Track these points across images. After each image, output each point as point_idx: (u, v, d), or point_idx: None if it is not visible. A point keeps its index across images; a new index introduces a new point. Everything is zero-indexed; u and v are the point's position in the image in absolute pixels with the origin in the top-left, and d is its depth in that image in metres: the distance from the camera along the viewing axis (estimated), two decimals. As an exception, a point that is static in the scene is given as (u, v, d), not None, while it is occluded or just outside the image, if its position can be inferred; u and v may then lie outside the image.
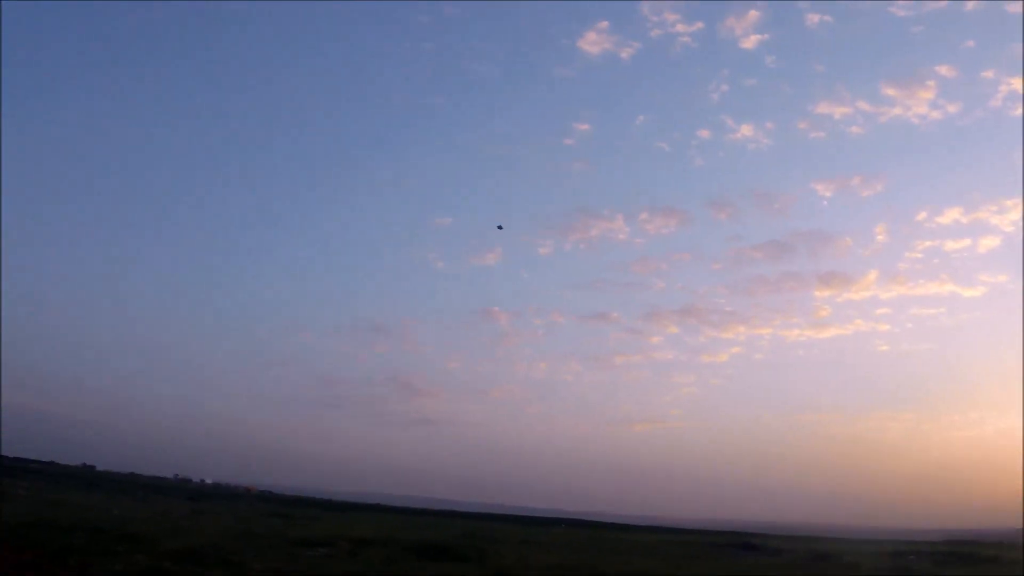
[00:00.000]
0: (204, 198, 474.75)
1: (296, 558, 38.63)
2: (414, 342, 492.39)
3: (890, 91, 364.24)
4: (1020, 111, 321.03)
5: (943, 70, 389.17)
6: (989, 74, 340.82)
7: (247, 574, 30.51)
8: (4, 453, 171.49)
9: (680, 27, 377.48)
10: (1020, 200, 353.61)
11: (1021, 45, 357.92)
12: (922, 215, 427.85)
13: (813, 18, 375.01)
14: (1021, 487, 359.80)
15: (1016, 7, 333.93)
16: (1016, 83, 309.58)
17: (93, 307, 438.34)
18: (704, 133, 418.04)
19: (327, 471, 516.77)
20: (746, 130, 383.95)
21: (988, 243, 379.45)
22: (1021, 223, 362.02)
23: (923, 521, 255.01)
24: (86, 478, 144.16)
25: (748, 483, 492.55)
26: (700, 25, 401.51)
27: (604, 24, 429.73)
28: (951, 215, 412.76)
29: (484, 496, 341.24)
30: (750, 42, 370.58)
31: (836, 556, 61.22)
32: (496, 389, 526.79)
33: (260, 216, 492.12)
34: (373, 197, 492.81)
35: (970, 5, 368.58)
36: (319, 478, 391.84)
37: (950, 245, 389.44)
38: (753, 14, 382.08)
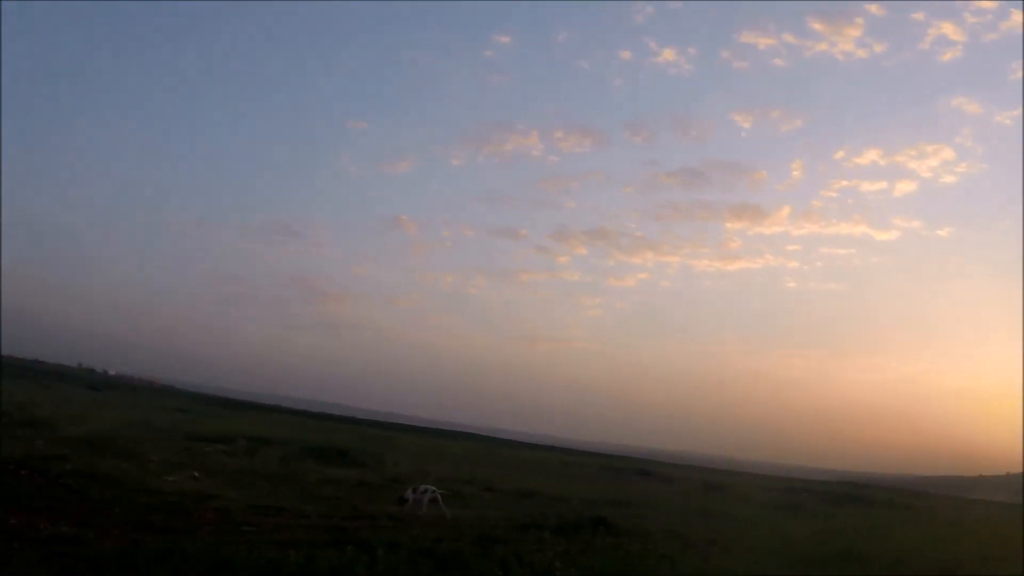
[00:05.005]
0: (116, 84, 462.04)
1: (194, 452, 39.23)
2: (322, 245, 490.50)
3: (817, 26, 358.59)
4: (947, 56, 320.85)
5: (872, 8, 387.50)
6: (919, 16, 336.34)
7: (145, 464, 30.99)
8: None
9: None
10: (941, 146, 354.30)
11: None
12: (840, 154, 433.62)
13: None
14: (918, 435, 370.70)
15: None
16: (946, 27, 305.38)
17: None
18: (626, 54, 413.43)
19: (228, 369, 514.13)
20: (668, 54, 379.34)
21: (905, 187, 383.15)
22: (939, 170, 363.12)
23: (819, 461, 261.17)
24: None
25: (646, 409, 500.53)
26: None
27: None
28: (869, 156, 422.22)
29: (383, 404, 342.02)
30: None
31: (729, 488, 63.11)
32: (402, 298, 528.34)
33: (174, 106, 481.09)
34: (289, 94, 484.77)
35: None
36: (220, 375, 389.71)
37: (866, 186, 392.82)
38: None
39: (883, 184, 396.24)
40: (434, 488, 29.35)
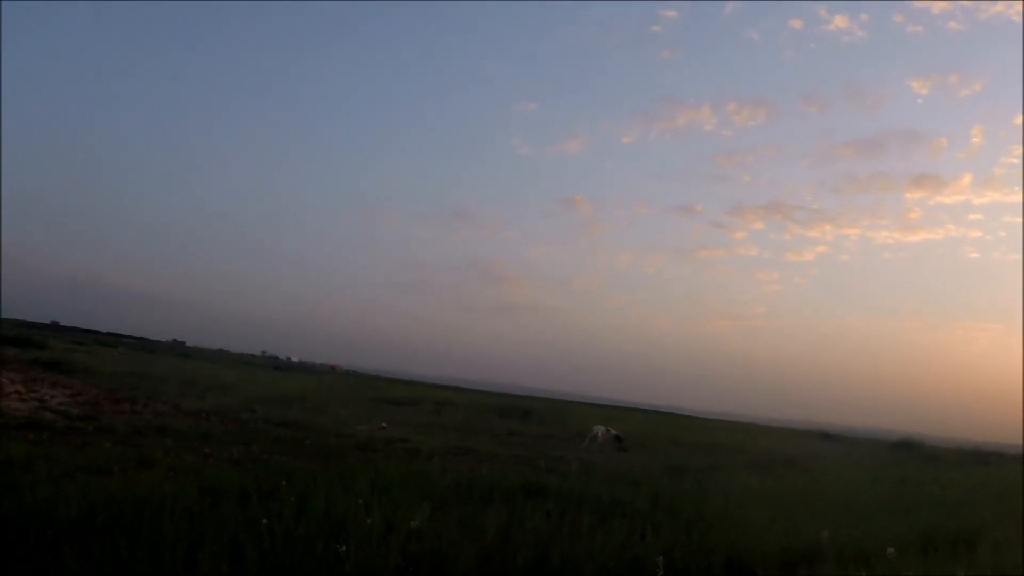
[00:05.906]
0: (289, 82, 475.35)
1: (381, 410, 39.30)
2: (496, 229, 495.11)
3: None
4: None
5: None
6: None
7: (333, 416, 31.07)
8: (99, 328, 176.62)
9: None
10: None
11: None
12: (1020, 119, 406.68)
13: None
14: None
15: None
16: None
17: (183, 193, 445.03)
18: (796, 23, 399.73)
19: (409, 354, 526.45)
20: (840, 21, 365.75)
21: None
22: None
23: (999, 435, 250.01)
24: (177, 351, 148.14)
25: (826, 385, 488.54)
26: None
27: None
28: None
29: (561, 384, 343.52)
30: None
31: (916, 447, 60.99)
32: (578, 279, 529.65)
33: (346, 98, 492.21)
34: (457, 82, 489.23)
35: None
36: (401, 360, 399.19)
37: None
38: None
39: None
40: (605, 428, 33.35)
